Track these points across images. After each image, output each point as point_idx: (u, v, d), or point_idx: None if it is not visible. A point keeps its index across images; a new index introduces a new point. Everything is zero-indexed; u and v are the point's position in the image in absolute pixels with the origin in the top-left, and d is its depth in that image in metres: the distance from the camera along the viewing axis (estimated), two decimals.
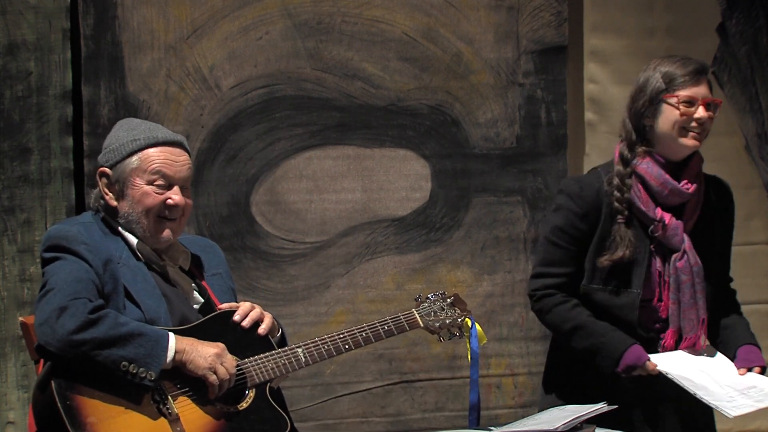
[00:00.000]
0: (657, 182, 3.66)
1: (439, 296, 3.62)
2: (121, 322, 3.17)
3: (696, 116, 3.63)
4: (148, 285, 3.33)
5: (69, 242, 3.28)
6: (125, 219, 3.39)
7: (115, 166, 3.39)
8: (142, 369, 3.13)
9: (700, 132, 3.65)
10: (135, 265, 3.35)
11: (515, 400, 5.22)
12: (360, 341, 3.45)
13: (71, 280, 3.20)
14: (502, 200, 5.20)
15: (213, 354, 3.23)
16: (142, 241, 3.39)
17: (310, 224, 5.03)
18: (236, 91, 4.92)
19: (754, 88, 5.44)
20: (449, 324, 3.59)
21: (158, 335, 3.20)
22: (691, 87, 3.63)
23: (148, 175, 3.36)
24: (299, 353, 3.40)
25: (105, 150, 3.44)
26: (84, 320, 3.12)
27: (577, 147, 5.33)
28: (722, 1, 5.40)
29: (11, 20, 4.63)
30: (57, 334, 3.12)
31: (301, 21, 4.97)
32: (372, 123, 5.07)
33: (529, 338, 5.23)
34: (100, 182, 3.42)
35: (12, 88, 4.64)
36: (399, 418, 5.10)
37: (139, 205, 3.36)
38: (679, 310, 3.66)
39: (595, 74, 5.32)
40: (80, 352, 3.12)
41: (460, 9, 5.12)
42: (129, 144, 3.38)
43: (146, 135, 3.40)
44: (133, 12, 4.79)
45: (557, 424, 3.27)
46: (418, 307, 3.59)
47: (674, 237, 3.66)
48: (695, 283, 3.64)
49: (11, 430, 4.65)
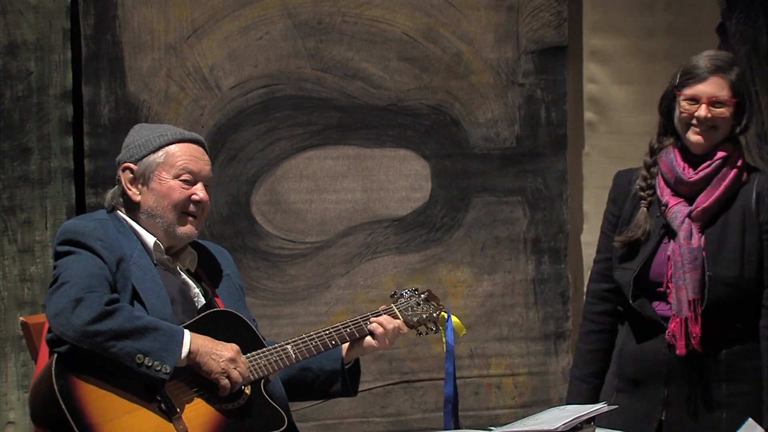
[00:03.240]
0: (667, 169, 3.76)
1: (413, 292, 3.67)
2: (136, 315, 3.18)
3: (696, 114, 3.68)
4: (156, 286, 3.33)
5: (84, 237, 3.28)
6: (148, 214, 3.39)
7: (140, 161, 3.41)
8: (157, 362, 3.14)
9: (704, 129, 3.69)
10: (145, 265, 3.35)
11: (515, 400, 5.22)
12: (345, 336, 3.50)
13: (86, 274, 3.20)
14: (502, 200, 5.20)
15: (227, 358, 3.25)
16: (158, 241, 3.39)
17: (310, 224, 5.03)
18: (236, 91, 4.92)
19: (754, 88, 5.43)
20: (426, 319, 3.64)
21: (173, 330, 3.21)
22: (696, 85, 3.69)
23: (176, 170, 3.39)
24: (289, 350, 3.42)
25: (127, 147, 3.45)
26: (100, 311, 3.13)
27: (577, 147, 5.33)
28: (722, 1, 5.40)
29: (11, 20, 4.63)
30: (73, 324, 3.12)
31: (301, 21, 4.97)
32: (372, 123, 5.07)
33: (529, 338, 5.23)
34: (122, 177, 3.42)
35: (12, 88, 4.65)
36: (399, 418, 5.10)
37: (165, 200, 3.38)
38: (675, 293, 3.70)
39: (595, 74, 5.32)
40: (95, 343, 3.12)
41: (460, 9, 5.13)
42: (156, 139, 3.41)
43: (172, 132, 3.44)
44: (134, 12, 4.79)
45: (557, 424, 3.27)
46: (396, 302, 3.63)
47: (674, 220, 3.72)
48: (684, 264, 3.68)
49: (11, 430, 4.65)
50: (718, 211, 3.74)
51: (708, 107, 3.68)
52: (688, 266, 3.69)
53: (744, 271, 3.71)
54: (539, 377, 5.25)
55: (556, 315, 5.25)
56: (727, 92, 3.70)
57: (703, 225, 3.73)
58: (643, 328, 3.76)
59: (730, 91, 3.70)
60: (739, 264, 3.72)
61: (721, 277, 3.70)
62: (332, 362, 3.58)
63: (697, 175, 3.73)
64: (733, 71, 3.72)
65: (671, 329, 3.69)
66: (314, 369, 3.58)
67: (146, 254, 3.37)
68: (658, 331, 3.73)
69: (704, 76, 3.69)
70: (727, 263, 3.71)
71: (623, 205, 3.84)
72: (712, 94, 3.68)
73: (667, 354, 3.72)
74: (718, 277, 3.70)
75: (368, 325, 3.54)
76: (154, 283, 3.33)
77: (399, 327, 3.56)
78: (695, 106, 3.68)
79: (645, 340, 3.76)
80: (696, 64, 3.72)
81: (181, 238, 3.42)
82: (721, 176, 3.74)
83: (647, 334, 3.76)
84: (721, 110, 3.69)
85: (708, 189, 3.73)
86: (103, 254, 3.26)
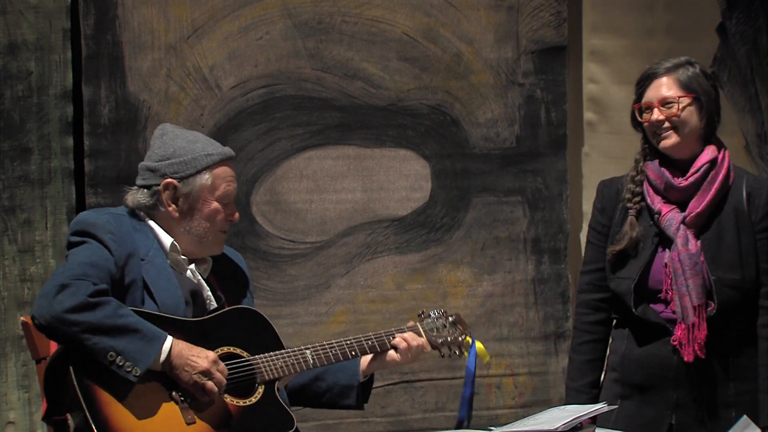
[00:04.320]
0: (655, 176, 3.76)
1: (442, 314, 3.68)
2: (120, 313, 3.16)
3: (652, 119, 3.72)
4: (171, 285, 3.33)
5: (96, 229, 3.29)
6: (185, 229, 3.40)
7: (185, 180, 3.40)
8: (128, 363, 3.12)
9: (667, 131, 3.72)
10: (161, 264, 3.36)
11: (515, 400, 5.22)
12: (366, 349, 3.51)
13: (85, 262, 3.20)
14: (502, 200, 5.20)
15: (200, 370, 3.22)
16: (175, 242, 3.40)
17: (310, 224, 5.03)
18: (236, 91, 4.92)
19: (754, 88, 5.44)
20: (450, 342, 3.64)
21: (155, 335, 3.19)
22: (646, 92, 3.75)
23: (219, 192, 3.41)
24: (307, 355, 3.42)
25: (171, 160, 3.41)
26: (82, 301, 3.12)
27: (577, 147, 5.33)
28: (722, 1, 5.40)
29: (11, 20, 4.63)
30: (52, 308, 3.11)
31: (301, 21, 4.97)
32: (372, 123, 5.07)
33: (529, 338, 5.23)
34: (164, 194, 3.40)
35: (12, 88, 4.65)
36: (399, 418, 5.10)
37: (208, 222, 3.40)
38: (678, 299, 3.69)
39: (595, 74, 5.32)
40: (70, 332, 3.11)
41: (460, 9, 5.13)
42: (203, 159, 3.41)
43: (218, 151, 3.44)
44: (134, 12, 4.79)
45: (557, 424, 3.27)
46: (422, 322, 3.63)
47: (669, 228, 3.72)
48: (684, 270, 3.68)
49: (11, 430, 4.65)
50: (710, 214, 3.74)
51: (659, 110, 3.71)
52: (690, 272, 3.68)
53: (744, 273, 3.72)
54: (539, 377, 5.25)
55: (556, 315, 5.25)
56: (675, 90, 3.71)
57: (697, 230, 3.73)
58: (647, 333, 3.76)
59: (679, 88, 3.71)
60: (739, 266, 3.73)
61: (725, 280, 3.70)
62: (348, 377, 3.58)
63: (686, 181, 3.73)
64: (681, 69, 3.73)
65: (677, 336, 3.70)
66: (327, 380, 3.58)
67: (162, 254, 3.38)
68: (662, 335, 3.73)
69: (650, 81, 3.74)
70: (728, 266, 3.72)
71: (613, 215, 3.83)
72: (661, 96, 3.72)
73: (674, 358, 3.72)
74: (722, 280, 3.70)
75: (392, 340, 3.54)
76: (168, 283, 3.33)
77: (423, 345, 3.56)
78: (649, 113, 3.72)
79: (649, 345, 3.76)
80: (643, 73, 3.78)
81: (212, 253, 3.47)
82: (710, 180, 3.74)
83: (651, 339, 3.75)
84: (672, 110, 3.70)
85: (699, 194, 3.73)
86: (111, 247, 3.26)
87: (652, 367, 3.74)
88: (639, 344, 3.78)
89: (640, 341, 3.78)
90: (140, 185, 3.44)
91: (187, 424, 3.19)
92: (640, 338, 3.78)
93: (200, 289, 3.43)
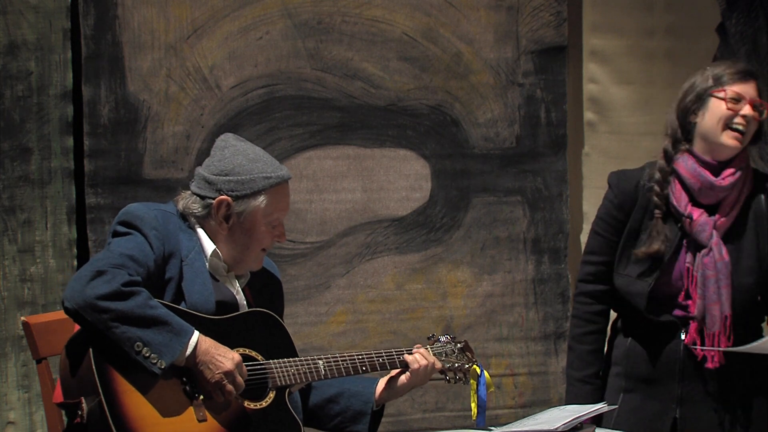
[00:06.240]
0: (690, 175, 3.69)
1: (451, 339, 3.67)
2: (151, 304, 3.14)
3: (742, 113, 3.64)
4: (205, 289, 3.32)
5: (143, 223, 3.27)
6: (232, 247, 3.39)
7: (240, 199, 3.37)
8: (154, 355, 3.11)
9: (743, 132, 3.65)
10: (199, 267, 3.34)
11: (515, 400, 5.22)
12: (376, 365, 3.51)
13: (126, 254, 3.19)
14: (502, 200, 5.21)
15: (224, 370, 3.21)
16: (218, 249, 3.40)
17: (310, 224, 5.03)
18: (236, 91, 4.93)
19: None
20: (457, 368, 3.63)
21: (183, 329, 3.17)
22: (739, 84, 3.66)
23: (272, 217, 3.40)
24: (320, 365, 3.42)
25: (229, 177, 3.38)
26: (115, 289, 3.10)
27: (577, 147, 5.33)
28: (722, 1, 5.40)
29: (11, 20, 4.63)
30: (84, 293, 3.09)
31: (301, 21, 4.97)
32: (372, 123, 5.07)
33: (529, 338, 5.23)
34: (217, 211, 3.38)
35: (12, 88, 4.65)
36: (399, 418, 5.10)
37: (256, 243, 3.39)
38: (703, 306, 3.68)
39: (595, 74, 5.32)
40: (100, 319, 3.09)
41: (460, 9, 5.13)
42: (261, 181, 3.37)
43: (276, 174, 3.39)
44: (134, 12, 4.79)
45: (557, 424, 3.28)
46: (432, 345, 3.63)
47: (702, 233, 3.68)
48: (719, 279, 3.66)
49: (11, 430, 4.65)
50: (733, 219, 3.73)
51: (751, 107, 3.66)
52: (725, 281, 3.66)
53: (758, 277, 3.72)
54: (539, 377, 5.25)
55: (556, 315, 5.25)
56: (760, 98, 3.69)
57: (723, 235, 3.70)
58: (654, 328, 3.75)
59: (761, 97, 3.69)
60: (757, 271, 3.72)
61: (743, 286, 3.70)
62: (362, 403, 3.57)
63: (725, 181, 3.68)
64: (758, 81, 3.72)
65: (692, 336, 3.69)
66: (341, 404, 3.57)
67: (202, 257, 3.36)
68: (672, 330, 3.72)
69: (745, 77, 3.67)
70: (746, 271, 3.71)
71: (631, 212, 3.77)
72: (754, 97, 3.67)
73: (681, 352, 3.72)
74: (740, 286, 3.70)
75: (401, 358, 3.53)
76: (203, 287, 3.32)
77: (434, 363, 3.55)
78: (739, 105, 3.65)
79: (657, 340, 3.75)
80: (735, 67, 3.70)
81: (251, 269, 3.46)
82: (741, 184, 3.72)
83: (658, 334, 3.75)
84: (758, 114, 3.67)
85: (729, 197, 3.70)
86: (153, 243, 3.25)
87: (658, 360, 3.74)
88: (645, 338, 3.77)
89: (645, 336, 3.77)
90: (195, 192, 3.41)
91: (198, 421, 3.19)
92: (645, 333, 3.77)
93: (236, 300, 3.42)
